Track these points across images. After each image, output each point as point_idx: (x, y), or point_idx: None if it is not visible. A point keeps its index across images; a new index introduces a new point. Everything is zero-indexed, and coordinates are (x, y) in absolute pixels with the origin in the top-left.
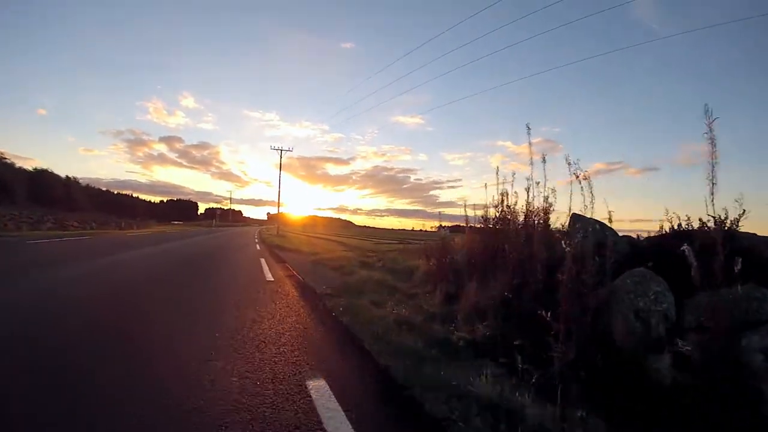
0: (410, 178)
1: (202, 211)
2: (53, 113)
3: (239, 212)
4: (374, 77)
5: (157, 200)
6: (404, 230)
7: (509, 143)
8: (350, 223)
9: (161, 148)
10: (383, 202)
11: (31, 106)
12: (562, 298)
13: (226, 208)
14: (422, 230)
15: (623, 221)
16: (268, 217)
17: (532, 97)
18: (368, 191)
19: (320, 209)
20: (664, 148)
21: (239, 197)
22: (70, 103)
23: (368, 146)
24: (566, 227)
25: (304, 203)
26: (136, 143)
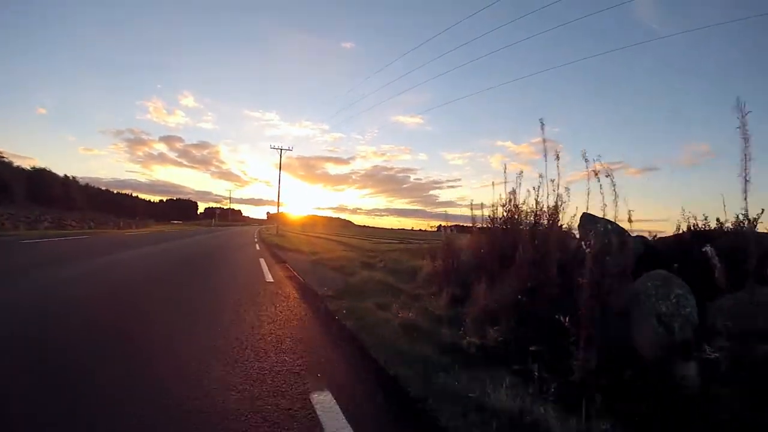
0: (410, 177)
1: (201, 210)
2: (53, 112)
3: (239, 212)
4: (374, 77)
5: (156, 200)
6: (404, 230)
7: (509, 143)
8: (350, 222)
9: (161, 147)
10: (383, 201)
11: (30, 105)
12: (582, 301)
13: (225, 207)
14: (422, 230)
15: (622, 221)
16: (267, 216)
17: (532, 96)
18: (368, 191)
19: (320, 209)
20: (664, 148)
21: (239, 197)
22: (70, 102)
23: (368, 146)
24: (570, 227)
25: (303, 203)
26: (136, 143)
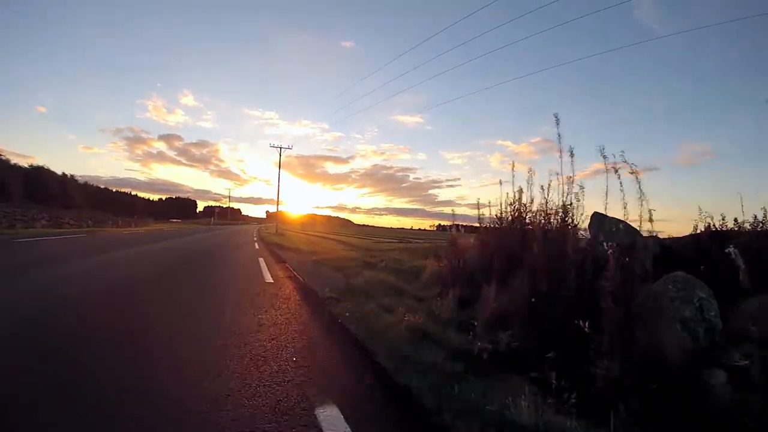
0: (409, 177)
1: (200, 209)
2: (53, 111)
3: (238, 210)
4: (374, 76)
5: (155, 198)
6: (403, 229)
7: (509, 143)
8: (349, 221)
9: (160, 146)
10: (382, 200)
11: (30, 103)
12: (605, 306)
13: (224, 206)
14: (421, 229)
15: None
16: (267, 215)
17: (531, 96)
18: (367, 190)
19: (319, 207)
20: (663, 148)
21: (238, 195)
22: (69, 100)
23: (367, 145)
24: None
25: (303, 201)
26: (135, 141)
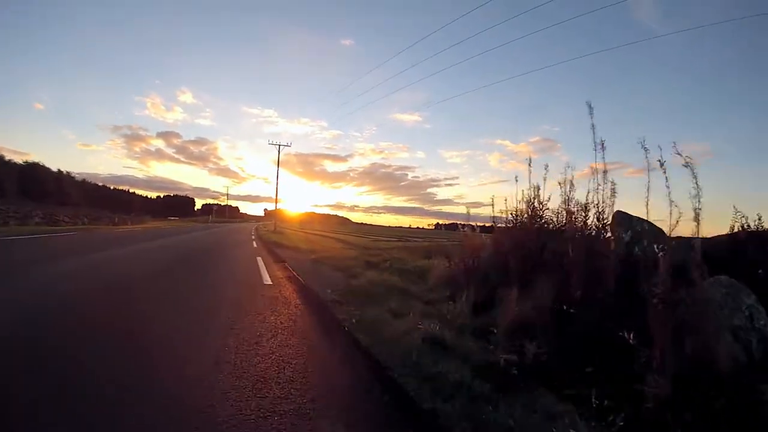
0: (408, 175)
1: (198, 206)
2: (51, 108)
3: (236, 208)
4: (373, 74)
5: (153, 196)
6: (401, 227)
7: (508, 142)
8: (347, 219)
9: (159, 143)
10: (380, 199)
11: (28, 101)
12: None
13: (222, 204)
14: (419, 228)
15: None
16: (265, 213)
17: (531, 96)
18: (365, 188)
19: (317, 206)
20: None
21: (236, 193)
22: (67, 98)
23: (366, 143)
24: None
25: (301, 200)
26: (133, 138)
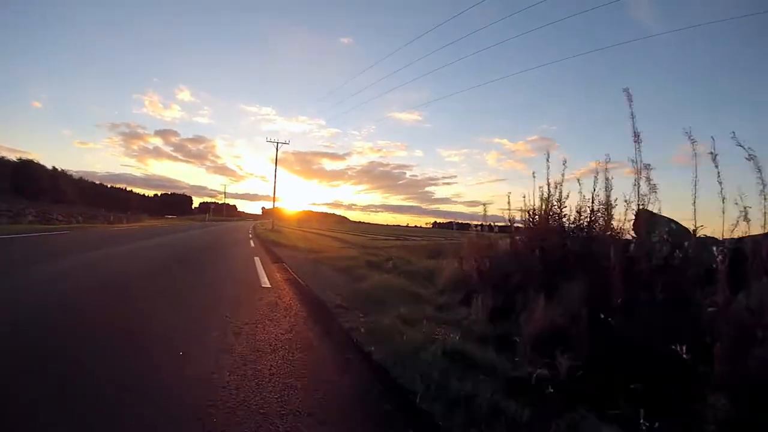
0: (405, 174)
1: (196, 205)
2: (49, 106)
3: (234, 207)
4: (371, 72)
5: (151, 194)
6: (399, 226)
7: (505, 141)
8: (345, 218)
9: (156, 141)
10: (378, 197)
11: (26, 99)
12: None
13: (220, 202)
14: (417, 226)
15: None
16: (262, 211)
17: (530, 95)
18: (363, 187)
19: (315, 204)
20: (663, 147)
21: (234, 191)
22: (65, 96)
23: (364, 142)
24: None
25: (299, 198)
26: (131, 136)
